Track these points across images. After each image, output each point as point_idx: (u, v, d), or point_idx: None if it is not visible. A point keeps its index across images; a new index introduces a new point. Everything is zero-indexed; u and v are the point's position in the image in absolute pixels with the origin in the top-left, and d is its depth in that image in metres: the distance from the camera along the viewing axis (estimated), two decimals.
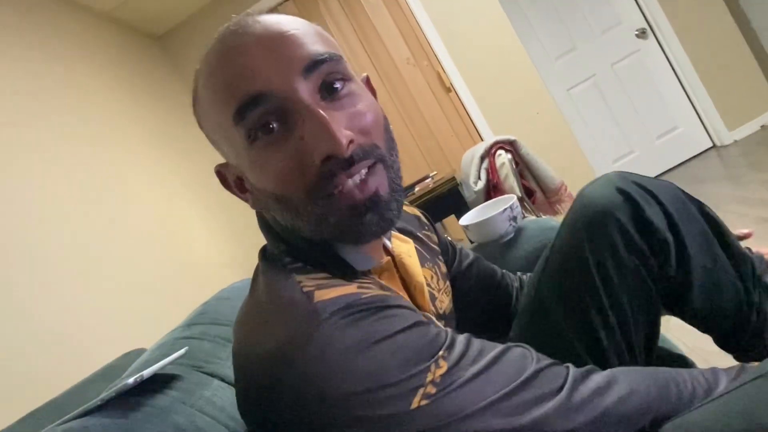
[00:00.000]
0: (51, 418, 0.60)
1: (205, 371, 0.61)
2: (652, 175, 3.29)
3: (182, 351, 0.61)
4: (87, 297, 1.59)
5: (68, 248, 1.62)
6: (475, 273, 0.80)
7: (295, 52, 0.45)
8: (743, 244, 0.66)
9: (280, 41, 0.46)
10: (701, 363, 0.70)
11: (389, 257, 0.57)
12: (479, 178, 2.11)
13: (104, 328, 1.59)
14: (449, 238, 0.83)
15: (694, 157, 3.32)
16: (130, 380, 0.51)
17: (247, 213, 2.99)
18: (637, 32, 3.26)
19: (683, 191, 0.62)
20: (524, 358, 0.44)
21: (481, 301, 0.80)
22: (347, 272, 0.50)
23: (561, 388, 0.42)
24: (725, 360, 0.63)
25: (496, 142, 2.12)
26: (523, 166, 2.15)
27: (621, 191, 0.60)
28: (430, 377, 0.40)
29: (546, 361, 0.45)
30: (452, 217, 2.30)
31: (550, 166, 2.19)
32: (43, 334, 1.37)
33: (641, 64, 3.30)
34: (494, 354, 0.43)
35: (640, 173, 0.65)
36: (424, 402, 0.39)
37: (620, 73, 3.33)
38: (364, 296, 0.44)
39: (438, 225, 3.14)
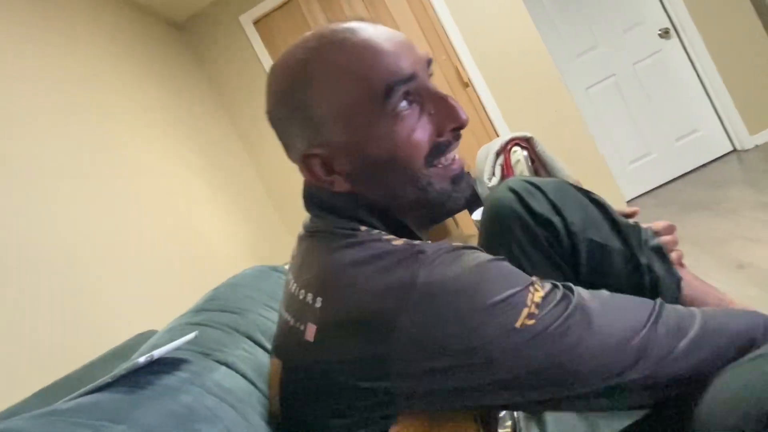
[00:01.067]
0: (63, 393, 0.62)
1: (213, 358, 0.62)
2: (670, 177, 3.25)
3: (192, 335, 0.62)
4: (102, 277, 1.62)
5: (86, 229, 1.64)
6: None
7: (419, 51, 0.58)
8: None
9: (407, 41, 0.58)
10: None
11: None
12: (494, 174, 2.10)
13: (118, 309, 1.61)
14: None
15: (714, 160, 3.26)
16: (141, 359, 0.52)
17: (262, 203, 3.01)
18: (660, 32, 3.20)
19: (573, 186, 0.77)
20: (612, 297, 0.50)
21: None
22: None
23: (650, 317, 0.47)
24: None
25: (512, 139, 2.10)
26: (538, 164, 2.14)
27: (512, 190, 0.75)
28: (530, 298, 0.45)
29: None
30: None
31: (566, 164, 2.17)
32: (58, 313, 1.40)
33: (663, 65, 3.24)
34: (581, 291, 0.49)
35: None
36: (529, 322, 0.44)
37: (641, 73, 3.28)
38: (455, 243, 0.51)
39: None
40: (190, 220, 2.33)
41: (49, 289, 1.42)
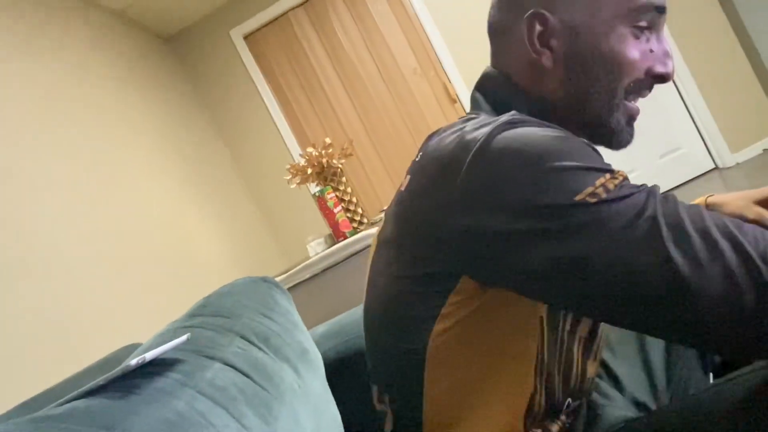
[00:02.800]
0: (46, 406, 0.60)
1: (206, 355, 0.61)
2: None
3: (184, 337, 0.60)
4: (86, 290, 1.58)
5: (70, 240, 1.61)
6: None
7: None
8: None
9: None
10: None
11: None
12: None
13: (103, 323, 1.58)
14: None
15: (697, 177, 3.33)
16: (133, 362, 0.51)
17: (251, 216, 2.99)
18: None
19: None
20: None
21: None
22: None
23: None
24: None
25: None
26: None
27: None
28: (601, 181, 0.42)
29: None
30: None
31: None
32: (42, 327, 1.37)
33: None
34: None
35: None
36: (592, 200, 0.41)
37: None
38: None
39: None
40: (177, 233, 2.31)
41: (31, 301, 1.38)
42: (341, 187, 2.22)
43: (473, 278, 0.49)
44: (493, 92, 0.62)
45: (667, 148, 3.34)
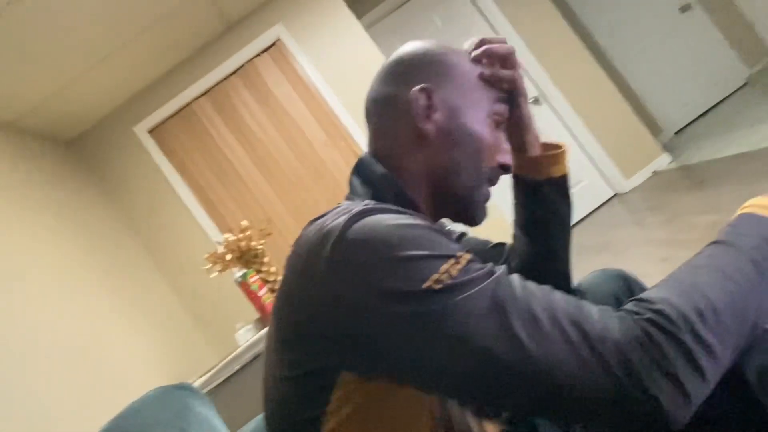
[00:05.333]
0: None
1: None
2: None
3: None
4: None
5: None
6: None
7: None
8: None
9: None
10: None
11: None
12: None
13: None
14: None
15: (601, 206, 3.58)
16: None
17: (176, 316, 2.82)
18: (531, 100, 3.57)
19: None
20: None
21: None
22: None
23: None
24: None
25: None
26: None
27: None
28: (445, 267, 0.44)
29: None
30: None
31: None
32: None
33: (540, 129, 3.58)
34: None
35: None
36: (437, 286, 0.43)
37: None
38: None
39: None
40: (93, 339, 2.13)
41: None
42: (264, 269, 2.18)
43: (352, 372, 0.48)
44: (365, 175, 0.65)
45: (571, 183, 3.58)
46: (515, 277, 0.45)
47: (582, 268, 1.18)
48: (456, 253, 0.46)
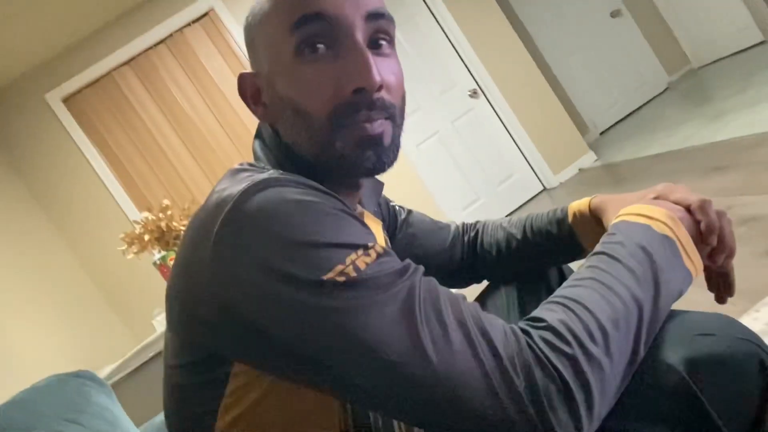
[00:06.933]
0: None
1: None
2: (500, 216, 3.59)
3: None
4: None
5: None
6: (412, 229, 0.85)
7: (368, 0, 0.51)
8: None
9: None
10: None
11: None
12: None
13: None
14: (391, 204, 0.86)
15: (531, 199, 3.69)
16: None
17: (90, 292, 2.62)
18: (469, 93, 3.61)
19: None
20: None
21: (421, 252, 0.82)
22: None
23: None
24: None
25: None
26: None
27: None
28: (353, 258, 0.39)
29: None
30: None
31: None
32: None
33: (477, 121, 3.65)
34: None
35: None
36: (340, 279, 0.38)
37: (460, 129, 3.64)
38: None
39: None
40: None
41: None
42: None
43: (245, 362, 0.42)
44: (264, 141, 0.58)
45: (503, 176, 3.67)
46: (431, 282, 0.41)
47: None
48: (367, 242, 0.41)
